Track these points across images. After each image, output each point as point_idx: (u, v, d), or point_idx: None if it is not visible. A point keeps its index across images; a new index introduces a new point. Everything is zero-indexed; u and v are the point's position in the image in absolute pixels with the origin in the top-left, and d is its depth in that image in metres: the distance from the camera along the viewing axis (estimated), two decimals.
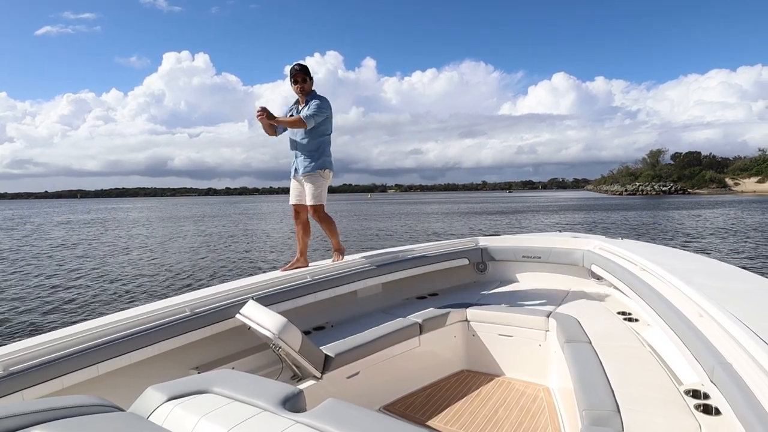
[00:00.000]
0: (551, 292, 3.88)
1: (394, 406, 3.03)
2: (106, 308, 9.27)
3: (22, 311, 9.14)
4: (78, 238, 24.80)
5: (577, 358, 2.41)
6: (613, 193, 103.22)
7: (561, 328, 2.91)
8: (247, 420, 1.45)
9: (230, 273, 12.91)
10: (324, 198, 3.60)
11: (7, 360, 1.90)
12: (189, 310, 2.54)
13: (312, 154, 3.52)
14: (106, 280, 12.15)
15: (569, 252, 4.06)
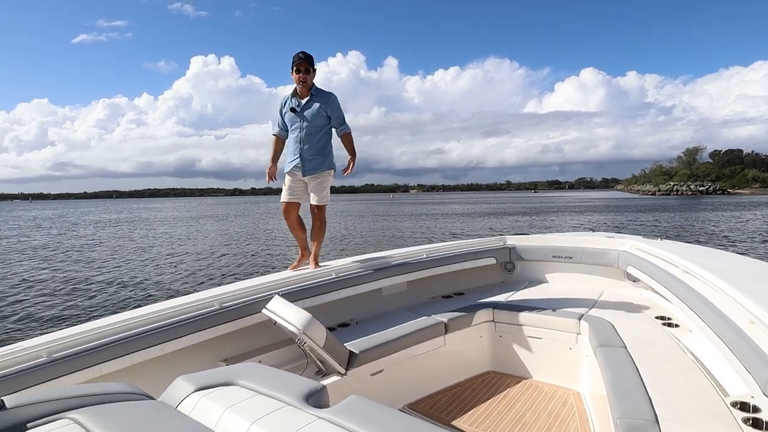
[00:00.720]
0: (583, 293, 3.76)
1: (418, 405, 3.00)
2: (140, 300, 9.62)
3: (63, 302, 9.54)
4: (115, 234, 25.71)
5: (611, 363, 2.32)
6: (645, 193, 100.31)
7: (594, 331, 2.81)
8: (271, 414, 1.46)
9: (255, 269, 13.12)
10: (329, 198, 3.50)
11: (50, 347, 1.99)
12: (218, 304, 2.59)
13: (321, 153, 3.40)
14: (139, 275, 12.55)
15: (603, 252, 3.93)
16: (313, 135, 3.36)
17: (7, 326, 7.93)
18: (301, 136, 3.35)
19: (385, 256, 3.78)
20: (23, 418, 1.38)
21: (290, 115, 3.38)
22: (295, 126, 3.38)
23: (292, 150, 3.42)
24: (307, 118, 3.35)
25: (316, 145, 3.38)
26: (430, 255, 3.91)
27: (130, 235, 26.26)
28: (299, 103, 3.36)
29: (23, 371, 1.86)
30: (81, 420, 1.40)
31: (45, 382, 1.88)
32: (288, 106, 3.39)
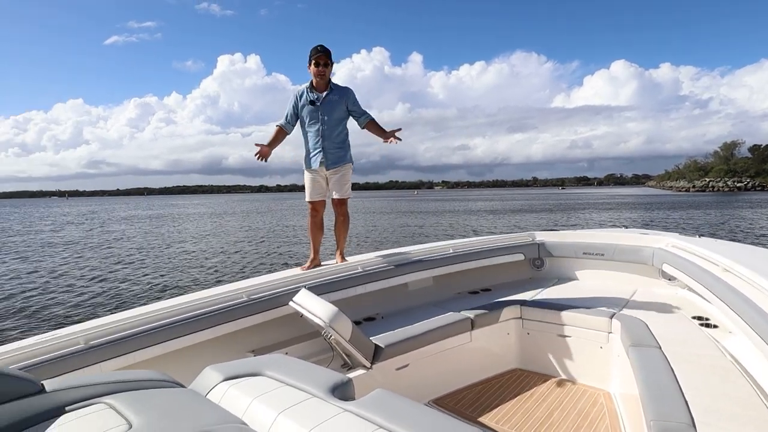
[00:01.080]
0: (615, 291, 3.66)
1: (443, 400, 2.98)
2: (172, 291, 9.95)
3: (99, 292, 9.90)
4: (151, 230, 26.51)
5: (644, 364, 2.24)
6: (678, 189, 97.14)
7: (626, 330, 2.72)
8: (297, 405, 1.48)
9: (282, 260, 13.32)
10: (351, 192, 3.47)
11: (87, 335, 2.06)
12: (246, 296, 2.64)
13: (342, 146, 3.37)
14: (171, 267, 12.92)
15: (637, 249, 3.81)
16: (333, 128, 3.33)
17: (48, 314, 8.27)
18: (322, 130, 3.31)
19: (411, 251, 3.76)
20: (62, 402, 1.44)
21: (309, 108, 3.32)
22: (314, 120, 3.32)
23: (312, 145, 3.36)
24: (328, 111, 3.31)
25: (337, 139, 3.35)
26: (456, 250, 3.87)
27: (163, 230, 27.01)
28: (318, 97, 3.31)
29: (62, 357, 1.93)
30: (115, 405, 1.44)
31: (82, 368, 1.96)
32: (306, 99, 3.32)
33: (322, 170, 3.37)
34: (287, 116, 3.39)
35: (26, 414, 1.38)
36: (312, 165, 3.37)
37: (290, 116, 3.39)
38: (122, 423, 1.34)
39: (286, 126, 3.40)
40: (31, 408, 1.39)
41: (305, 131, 3.39)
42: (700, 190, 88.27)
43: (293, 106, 3.37)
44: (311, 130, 3.35)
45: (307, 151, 3.41)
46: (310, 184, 3.41)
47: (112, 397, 1.49)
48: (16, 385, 1.40)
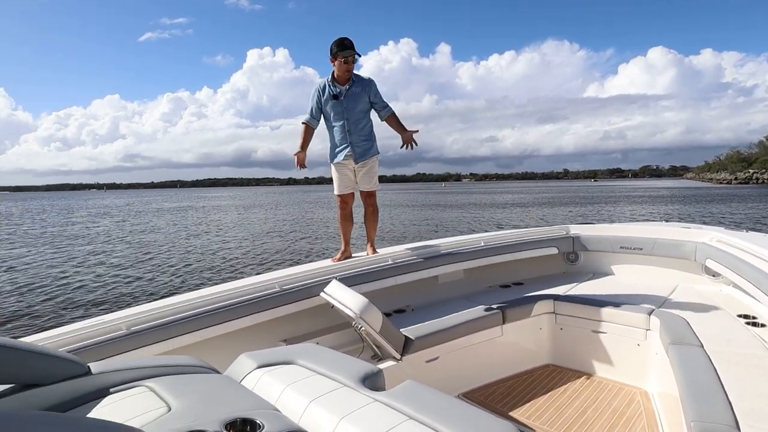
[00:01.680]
0: (654, 287, 3.52)
1: (474, 394, 2.95)
2: (208, 280, 10.27)
3: (138, 280, 10.28)
4: (183, 221, 27.31)
5: (685, 363, 2.15)
6: (719, 181, 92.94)
7: (665, 327, 2.62)
8: (328, 393, 1.50)
9: (312, 254, 13.51)
10: (378, 184, 3.46)
11: (129, 321, 2.14)
12: (278, 286, 2.69)
13: (369, 138, 3.36)
14: (206, 256, 13.30)
15: (679, 244, 3.66)
16: (359, 121, 3.32)
17: (93, 299, 8.67)
18: (348, 124, 3.29)
19: (441, 243, 3.73)
20: (106, 384, 1.51)
21: (333, 102, 3.28)
22: (338, 113, 3.29)
23: (339, 138, 3.34)
24: (352, 105, 3.28)
25: (363, 131, 3.34)
26: (488, 243, 3.82)
27: (200, 220, 27.86)
28: (341, 90, 3.27)
29: (105, 341, 2.01)
30: (156, 388, 1.50)
31: (124, 352, 2.04)
32: (329, 93, 3.28)
33: (350, 163, 3.37)
34: (312, 111, 3.37)
35: (75, 394, 1.46)
36: (340, 159, 3.36)
37: (315, 111, 3.37)
38: (162, 406, 1.40)
39: (311, 121, 3.38)
40: (79, 388, 1.47)
41: (330, 125, 3.37)
42: (743, 183, 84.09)
43: (317, 101, 3.35)
44: (336, 125, 3.33)
45: (333, 145, 3.40)
46: (338, 177, 3.41)
47: (152, 381, 1.55)
48: (65, 366, 1.48)
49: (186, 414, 1.33)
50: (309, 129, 3.38)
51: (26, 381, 1.41)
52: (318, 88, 3.34)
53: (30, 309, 8.20)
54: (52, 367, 1.45)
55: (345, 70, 3.21)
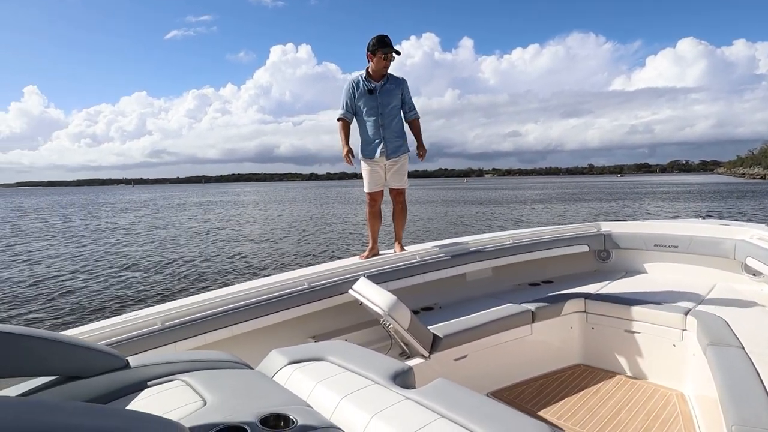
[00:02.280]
0: (691, 286, 3.41)
1: (502, 393, 2.92)
2: (243, 275, 10.54)
3: (172, 276, 10.59)
4: (214, 216, 27.89)
5: (724, 364, 2.08)
6: (752, 176, 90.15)
7: (703, 327, 2.54)
8: (360, 390, 1.51)
9: (335, 252, 13.59)
10: (408, 182, 3.50)
11: (163, 316, 2.19)
12: (307, 283, 2.70)
13: (401, 135, 3.39)
14: (234, 252, 13.54)
15: (717, 242, 3.54)
16: (392, 117, 3.34)
17: (129, 295, 8.94)
18: (381, 119, 3.31)
19: (469, 241, 3.69)
20: (144, 377, 1.55)
21: (367, 97, 3.30)
22: (371, 109, 3.31)
23: (372, 134, 3.34)
24: (386, 100, 3.31)
25: (395, 128, 3.36)
26: (516, 241, 3.77)
27: (226, 216, 28.33)
28: (376, 86, 3.29)
29: (141, 336, 2.06)
30: (191, 383, 1.53)
31: (158, 347, 2.08)
32: (363, 88, 3.31)
33: (382, 160, 3.37)
34: (345, 106, 3.38)
35: (114, 386, 1.50)
36: (372, 155, 3.36)
37: (349, 106, 3.38)
38: (198, 400, 1.42)
39: (347, 116, 3.39)
40: (118, 381, 1.51)
41: (362, 121, 3.37)
42: None
43: (350, 96, 3.35)
44: (369, 120, 3.33)
45: (365, 141, 3.39)
46: (368, 175, 3.40)
47: (188, 375, 1.58)
48: (106, 360, 1.52)
49: (221, 408, 1.35)
50: (345, 123, 3.41)
51: (69, 373, 1.46)
52: (351, 83, 3.36)
53: (67, 302, 8.49)
54: (94, 360, 1.49)
55: (383, 66, 3.25)
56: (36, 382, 1.45)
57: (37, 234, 20.35)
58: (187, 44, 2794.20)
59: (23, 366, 1.36)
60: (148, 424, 0.93)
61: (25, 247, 16.03)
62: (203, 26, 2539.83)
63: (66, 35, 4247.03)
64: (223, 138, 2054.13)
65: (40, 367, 1.40)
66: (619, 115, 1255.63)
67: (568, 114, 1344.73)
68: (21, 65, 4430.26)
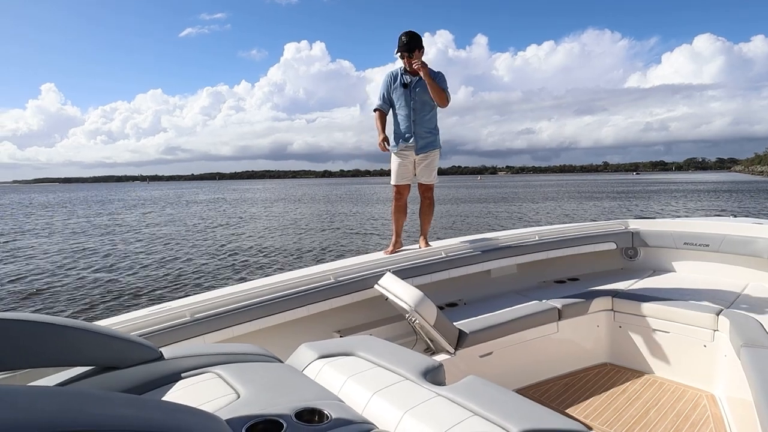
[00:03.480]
0: (722, 286, 3.34)
1: (528, 391, 2.89)
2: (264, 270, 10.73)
3: (202, 269, 10.79)
4: (231, 213, 28.17)
5: (759, 366, 2.01)
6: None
7: (736, 328, 2.47)
8: (391, 386, 1.50)
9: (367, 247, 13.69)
10: (437, 178, 3.49)
11: (193, 308, 2.21)
12: (333, 278, 2.70)
13: (432, 131, 3.38)
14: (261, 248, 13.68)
15: (750, 241, 3.45)
16: (424, 112, 3.33)
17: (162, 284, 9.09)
18: (412, 113, 3.33)
19: (494, 237, 3.66)
20: (178, 369, 1.56)
21: (402, 91, 3.34)
22: (404, 102, 3.34)
23: (403, 127, 3.37)
24: (419, 94, 3.31)
25: (428, 123, 3.35)
26: (542, 237, 3.72)
27: (250, 212, 28.65)
28: (411, 80, 3.32)
29: (171, 328, 2.07)
30: (224, 375, 1.53)
31: (188, 338, 2.10)
32: (399, 81, 3.35)
33: (411, 154, 3.38)
34: (382, 98, 3.44)
35: (149, 378, 1.51)
36: (401, 149, 3.39)
37: (385, 97, 3.44)
38: (231, 392, 1.43)
39: (383, 107, 3.44)
40: (153, 372, 1.52)
41: (396, 114, 3.42)
42: None
43: (386, 89, 3.42)
44: (402, 113, 3.36)
45: (396, 134, 3.42)
46: (397, 167, 3.41)
47: (220, 368, 1.58)
48: (141, 351, 1.53)
49: (255, 401, 1.35)
50: (382, 114, 3.46)
51: (106, 364, 1.47)
52: (389, 75, 3.43)
53: (97, 293, 8.66)
54: (129, 351, 1.50)
55: (408, 66, 3.28)
56: (72, 372, 1.47)
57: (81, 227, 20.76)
58: (202, 42, 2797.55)
59: (62, 356, 1.38)
60: (189, 416, 0.93)
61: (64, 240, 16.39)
62: (217, 24, 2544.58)
63: (84, 32, 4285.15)
64: (236, 135, 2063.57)
65: (78, 357, 1.42)
66: (634, 112, 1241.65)
67: (583, 111, 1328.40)
68: (39, 62, 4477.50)
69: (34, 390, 0.82)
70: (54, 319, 1.36)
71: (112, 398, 0.90)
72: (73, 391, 0.88)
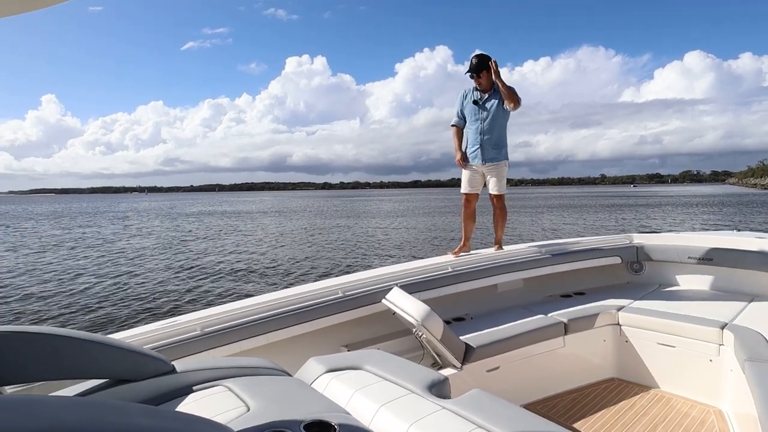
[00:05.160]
0: (727, 300, 3.35)
1: (535, 406, 2.88)
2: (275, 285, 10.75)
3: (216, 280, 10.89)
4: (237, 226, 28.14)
5: (763, 381, 2.02)
6: (764, 187, 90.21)
7: (741, 342, 2.48)
8: (397, 399, 1.52)
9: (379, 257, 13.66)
10: (506, 188, 3.75)
11: (203, 322, 2.21)
12: (341, 292, 2.70)
13: (499, 144, 3.63)
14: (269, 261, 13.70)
15: (753, 254, 3.47)
16: (493, 127, 3.59)
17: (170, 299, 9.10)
18: (482, 128, 3.60)
19: (500, 252, 3.69)
20: (190, 382, 1.58)
21: (472, 107, 3.63)
22: (476, 118, 3.62)
23: (472, 141, 3.67)
24: (489, 111, 3.60)
25: (495, 137, 3.61)
26: (548, 252, 3.73)
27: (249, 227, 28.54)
28: (481, 97, 3.62)
29: (182, 341, 2.08)
30: (234, 389, 1.55)
31: (198, 352, 2.10)
32: (470, 99, 3.65)
33: (480, 166, 3.65)
34: (458, 114, 3.76)
35: (162, 390, 1.53)
36: (471, 161, 3.68)
37: (459, 113, 3.76)
38: (241, 405, 1.45)
39: (459, 122, 3.77)
40: (166, 385, 1.54)
41: (467, 128, 3.73)
42: None
43: (460, 106, 3.74)
44: (472, 128, 3.67)
45: (467, 147, 3.74)
46: (467, 177, 3.71)
47: (230, 381, 1.60)
48: (154, 364, 1.55)
49: (264, 414, 1.37)
50: (458, 130, 3.79)
51: (120, 376, 1.49)
52: (463, 93, 3.75)
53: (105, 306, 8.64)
54: (143, 365, 1.52)
55: (478, 84, 3.62)
56: (88, 384, 1.48)
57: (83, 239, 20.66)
58: (204, 55, 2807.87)
59: (79, 368, 1.40)
60: (202, 427, 0.95)
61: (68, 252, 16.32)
62: (219, 38, 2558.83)
63: (87, 43, 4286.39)
64: (236, 147, 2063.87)
65: (95, 369, 1.44)
66: (628, 126, 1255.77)
67: (579, 125, 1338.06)
68: (41, 73, 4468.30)
69: (55, 400, 0.83)
70: (72, 333, 1.38)
71: (129, 409, 0.92)
72: (93, 402, 0.90)
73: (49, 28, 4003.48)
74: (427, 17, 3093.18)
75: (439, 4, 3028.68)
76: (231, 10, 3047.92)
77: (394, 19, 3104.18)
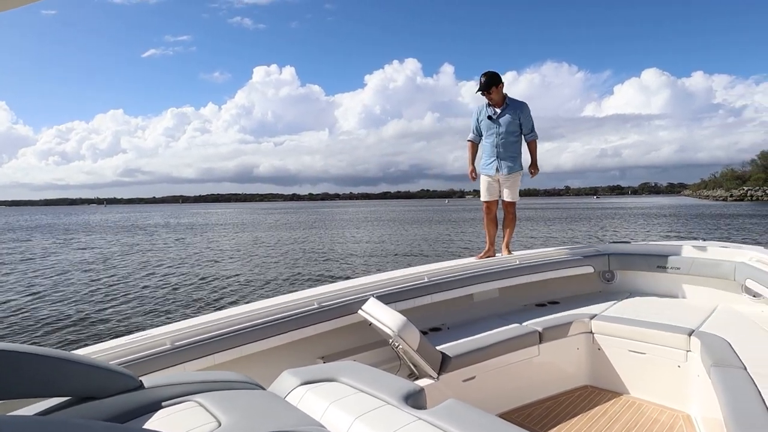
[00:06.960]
0: (693, 307, 3.47)
1: (511, 415, 2.89)
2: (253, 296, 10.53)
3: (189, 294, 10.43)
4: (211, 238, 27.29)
5: (729, 386, 2.10)
6: (716, 198, 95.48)
7: (707, 348, 2.56)
8: (372, 411, 1.51)
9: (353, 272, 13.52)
10: (518, 196, 4.01)
11: (173, 336, 2.13)
12: (317, 303, 2.65)
13: (514, 155, 3.90)
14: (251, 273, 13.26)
15: (717, 263, 3.61)
16: (507, 140, 3.86)
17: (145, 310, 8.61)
18: (497, 142, 3.88)
19: (476, 261, 3.71)
20: (158, 398, 1.52)
21: (487, 122, 3.89)
22: (491, 132, 3.89)
23: (488, 153, 3.94)
24: (503, 126, 3.86)
25: (510, 150, 3.88)
26: (522, 262, 3.78)
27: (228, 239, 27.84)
28: (495, 112, 3.87)
29: (150, 356, 2.00)
30: (205, 404, 1.51)
31: (168, 367, 2.02)
32: (485, 114, 3.90)
33: (496, 175, 3.94)
34: (473, 130, 4.04)
35: (129, 407, 1.47)
36: (488, 172, 3.97)
37: (475, 129, 4.03)
38: (212, 421, 1.41)
39: (475, 138, 4.06)
40: (133, 402, 1.48)
41: (484, 142, 4.01)
42: (738, 199, 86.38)
43: (476, 122, 4.00)
44: (488, 142, 3.95)
45: (484, 159, 4.01)
46: (485, 186, 4.01)
47: (201, 396, 1.56)
48: (120, 380, 1.49)
49: (236, 429, 1.34)
50: (473, 145, 4.08)
51: (84, 394, 1.42)
52: (477, 109, 3.99)
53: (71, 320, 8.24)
54: (109, 381, 1.46)
55: (490, 100, 3.86)
56: (50, 403, 1.41)
57: None
58: (166, 63, 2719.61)
59: (39, 386, 1.32)
60: None
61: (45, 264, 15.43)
62: (181, 46, 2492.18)
63: (41, 52, 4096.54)
64: (200, 157, 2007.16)
65: (56, 387, 1.36)
66: (590, 140, 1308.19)
67: (544, 138, 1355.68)
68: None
69: (15, 420, 0.79)
70: (31, 348, 1.30)
71: (93, 427, 0.88)
72: (55, 421, 0.87)
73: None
74: (396, 29, 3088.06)
75: (408, 18, 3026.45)
76: (195, 17, 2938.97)
77: (364, 30, 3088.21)
